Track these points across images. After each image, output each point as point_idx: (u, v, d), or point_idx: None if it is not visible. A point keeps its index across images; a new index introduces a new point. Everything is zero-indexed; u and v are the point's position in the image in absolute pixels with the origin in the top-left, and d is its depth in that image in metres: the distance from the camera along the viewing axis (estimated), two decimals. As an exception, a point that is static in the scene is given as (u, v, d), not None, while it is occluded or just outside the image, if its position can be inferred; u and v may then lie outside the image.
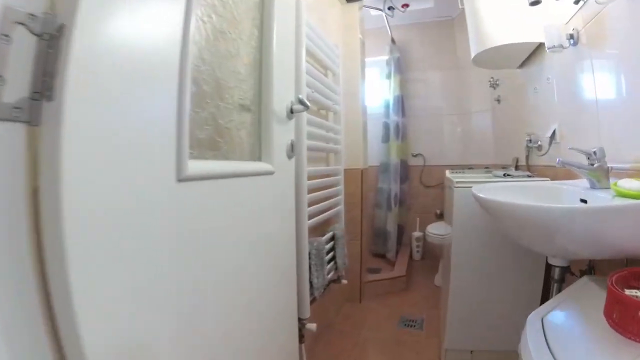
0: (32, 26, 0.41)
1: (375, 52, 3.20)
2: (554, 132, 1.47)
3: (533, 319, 0.96)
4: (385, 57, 3.23)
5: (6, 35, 0.39)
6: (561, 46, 1.26)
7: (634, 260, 0.92)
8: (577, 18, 1.25)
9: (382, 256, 3.16)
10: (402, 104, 3.17)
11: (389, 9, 2.83)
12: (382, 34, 3.23)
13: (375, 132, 3.10)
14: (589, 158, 1.04)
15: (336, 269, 1.67)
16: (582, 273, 1.11)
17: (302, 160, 1.28)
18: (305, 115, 1.31)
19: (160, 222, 0.56)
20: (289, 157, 1.07)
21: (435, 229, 2.51)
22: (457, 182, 1.49)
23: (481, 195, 1.09)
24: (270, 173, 0.94)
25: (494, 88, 2.59)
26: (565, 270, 1.09)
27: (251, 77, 0.92)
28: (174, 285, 0.59)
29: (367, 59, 2.47)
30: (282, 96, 1.01)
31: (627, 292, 0.70)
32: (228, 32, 0.81)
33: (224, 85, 0.80)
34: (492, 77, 2.56)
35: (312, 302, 1.36)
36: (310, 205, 1.38)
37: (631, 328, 0.65)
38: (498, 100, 2.56)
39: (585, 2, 1.16)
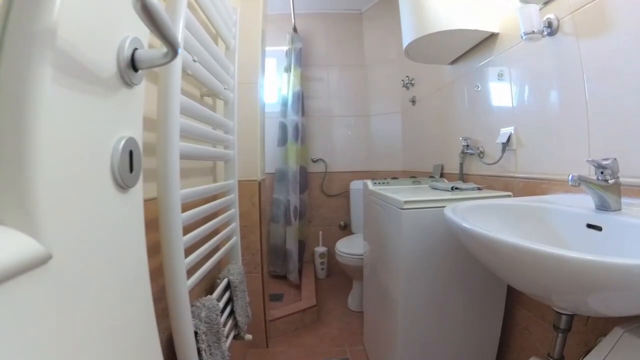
0: None
1: (274, 41, 2.76)
2: (509, 138, 1.25)
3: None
4: (285, 48, 2.79)
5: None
6: (540, 33, 1.02)
7: None
8: (557, 4, 1.02)
9: (283, 277, 2.72)
10: (302, 101, 2.78)
11: (296, -12, 2.41)
12: (284, 22, 2.78)
13: (270, 134, 2.64)
14: (601, 172, 0.79)
15: (236, 326, 1.16)
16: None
17: (170, 178, 0.71)
18: (176, 88, 0.72)
19: None
20: (124, 184, 0.45)
21: (347, 247, 2.16)
22: (406, 202, 1.14)
23: (480, 231, 0.73)
24: (36, 263, 0.30)
25: (408, 88, 2.39)
26: (572, 318, 0.82)
27: None
28: None
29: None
30: (103, 16, 0.40)
31: None
32: None
33: None
34: (406, 77, 2.36)
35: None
36: (189, 251, 0.80)
37: None
38: (413, 102, 2.36)
39: None
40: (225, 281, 1.09)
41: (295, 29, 2.77)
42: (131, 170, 0.46)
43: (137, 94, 0.48)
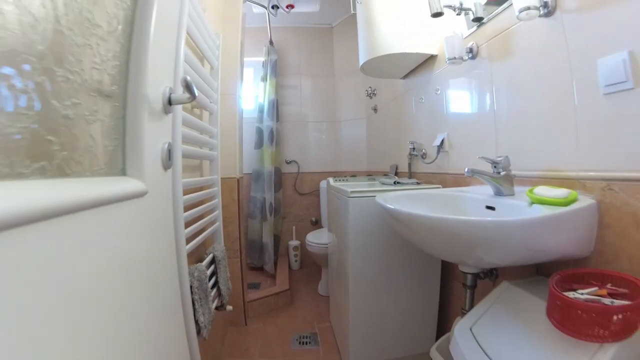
0: None
1: (251, 52, 3.00)
2: (442, 141, 1.56)
3: (461, 329, 0.92)
4: (262, 59, 3.06)
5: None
6: (461, 58, 1.33)
7: (543, 264, 0.99)
8: (477, 34, 1.32)
9: (260, 269, 2.96)
10: (276, 108, 3.04)
11: (272, 7, 2.66)
12: (261, 34, 3.05)
13: (247, 137, 2.88)
14: (494, 166, 1.08)
15: (219, 295, 1.40)
16: (486, 275, 1.14)
17: (178, 170, 0.94)
18: (180, 111, 0.97)
19: None
20: (166, 167, 0.77)
21: (316, 238, 2.44)
22: (353, 192, 1.42)
23: (393, 207, 1.03)
24: (142, 194, 0.62)
25: (371, 97, 2.70)
26: (477, 276, 1.11)
27: (117, 40, 0.59)
28: None
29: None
30: (158, 78, 0.70)
31: (566, 294, 0.71)
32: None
33: (69, 39, 0.47)
34: (369, 87, 2.67)
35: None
36: (186, 226, 1.05)
37: (577, 327, 0.67)
38: (375, 109, 2.68)
39: (489, 20, 1.23)
40: (210, 256, 1.33)
41: (271, 42, 3.03)
42: (169, 158, 0.76)
43: (170, 118, 0.79)
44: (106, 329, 0.49)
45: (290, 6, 2.70)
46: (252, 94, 3.16)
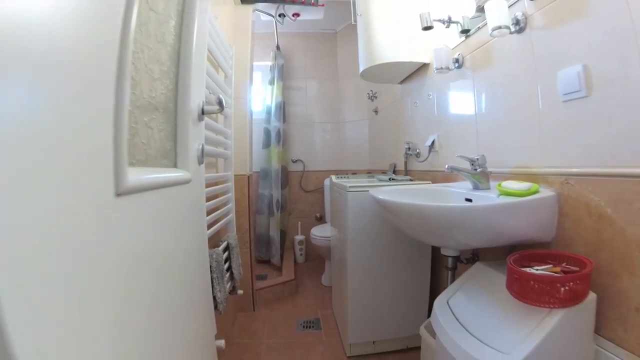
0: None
1: (260, 56, 3.17)
2: (433, 142, 1.71)
3: (440, 302, 1.08)
4: (269, 63, 3.23)
5: None
6: (447, 68, 1.48)
7: (514, 245, 1.14)
8: (463, 45, 1.47)
9: (267, 262, 3.13)
10: (283, 110, 3.21)
11: (279, 15, 2.84)
12: (268, 40, 3.23)
13: (256, 138, 3.05)
14: (472, 164, 1.23)
15: (232, 279, 1.57)
16: (468, 261, 1.30)
17: (203, 165, 1.16)
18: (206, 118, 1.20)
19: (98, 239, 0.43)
20: (199, 162, 0.96)
21: (319, 232, 2.61)
22: (351, 187, 1.58)
23: (382, 197, 1.19)
24: (187, 181, 0.82)
25: (372, 100, 2.86)
26: (457, 259, 1.26)
27: (171, 71, 0.79)
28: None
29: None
30: (195, 95, 0.90)
31: (524, 269, 0.87)
32: (155, 11, 0.69)
33: (150, 75, 0.68)
34: (371, 90, 2.83)
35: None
36: (207, 214, 1.24)
37: (531, 295, 0.81)
38: (376, 111, 2.84)
39: (473, 33, 1.39)
40: (225, 243, 1.50)
41: (278, 47, 3.21)
42: (202, 156, 0.94)
43: (202, 124, 0.98)
44: (162, 269, 0.68)
45: (296, 14, 2.86)
46: (260, 96, 3.33)
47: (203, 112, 0.93)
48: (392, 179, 1.72)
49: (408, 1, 1.76)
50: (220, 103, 0.91)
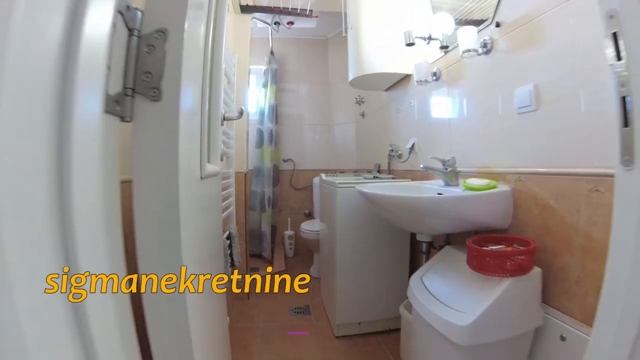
0: (127, 19, 0.41)
1: (254, 61, 3.34)
2: (413, 145, 1.92)
3: (415, 279, 1.29)
4: (264, 67, 3.41)
5: (114, 24, 0.38)
6: (426, 80, 1.69)
7: (478, 231, 1.35)
8: (442, 60, 1.69)
9: (258, 255, 3.30)
10: (275, 112, 3.39)
11: (275, 23, 3.02)
12: (263, 44, 3.40)
13: (249, 137, 3.21)
14: (444, 164, 1.44)
15: (232, 265, 1.75)
16: (441, 246, 1.50)
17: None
18: None
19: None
20: (221, 159, 1.16)
21: (309, 226, 2.79)
22: (340, 183, 1.78)
23: (367, 191, 1.39)
24: (217, 174, 1.00)
25: (360, 104, 3.07)
26: (430, 244, 1.46)
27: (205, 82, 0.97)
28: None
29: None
30: (220, 105, 1.08)
31: (481, 248, 1.08)
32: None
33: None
34: (358, 95, 3.04)
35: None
36: None
37: (486, 267, 1.02)
38: (362, 115, 3.05)
39: (450, 50, 1.60)
40: (227, 232, 1.68)
41: (272, 52, 3.38)
42: (222, 154, 1.13)
43: (222, 128, 1.16)
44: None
45: (291, 23, 3.05)
46: (254, 98, 3.49)
47: (224, 118, 1.11)
48: (377, 177, 1.92)
49: (394, 18, 1.96)
50: (241, 112, 1.12)
